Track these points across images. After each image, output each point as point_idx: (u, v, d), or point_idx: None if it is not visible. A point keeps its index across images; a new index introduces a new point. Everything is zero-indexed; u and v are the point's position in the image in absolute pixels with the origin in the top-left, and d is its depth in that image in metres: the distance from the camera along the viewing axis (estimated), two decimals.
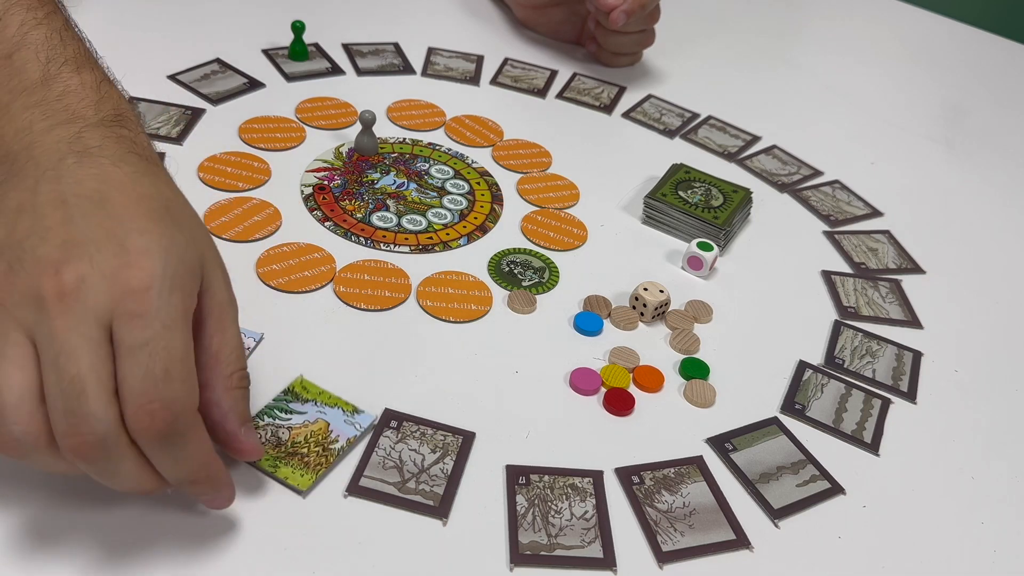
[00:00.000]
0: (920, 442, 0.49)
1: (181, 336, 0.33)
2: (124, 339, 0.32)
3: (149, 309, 0.32)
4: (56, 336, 0.31)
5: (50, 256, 0.32)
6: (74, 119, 0.37)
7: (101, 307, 0.32)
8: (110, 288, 0.32)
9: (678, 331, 0.52)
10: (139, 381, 0.31)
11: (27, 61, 0.39)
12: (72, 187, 0.34)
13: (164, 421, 0.32)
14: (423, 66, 0.75)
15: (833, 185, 0.71)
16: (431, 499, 0.40)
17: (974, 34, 1.05)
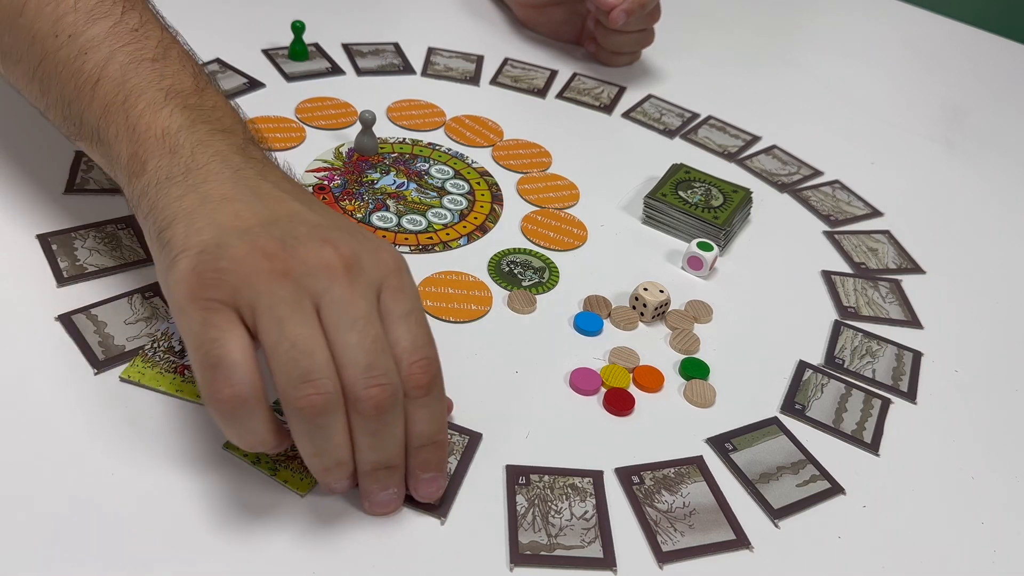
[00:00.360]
0: (920, 442, 0.49)
1: (423, 310, 0.38)
2: (393, 309, 0.36)
3: (406, 284, 0.37)
4: (353, 301, 0.35)
5: (316, 235, 0.36)
6: (231, 131, 0.42)
7: (375, 280, 0.36)
8: (377, 265, 0.36)
9: (678, 331, 0.52)
10: (411, 342, 0.36)
11: (176, 69, 0.43)
12: (274, 186, 0.39)
13: (432, 374, 0.36)
14: (423, 66, 0.75)
15: (833, 185, 0.71)
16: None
17: (974, 34, 1.05)
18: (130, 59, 0.42)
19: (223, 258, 0.35)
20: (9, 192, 0.52)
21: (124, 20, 0.43)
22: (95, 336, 0.44)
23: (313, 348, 0.34)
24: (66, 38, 0.43)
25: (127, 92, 0.41)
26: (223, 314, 0.34)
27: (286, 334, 0.34)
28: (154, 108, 0.41)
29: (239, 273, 0.34)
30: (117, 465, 0.39)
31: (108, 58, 0.42)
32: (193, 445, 0.40)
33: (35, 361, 0.43)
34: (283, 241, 0.35)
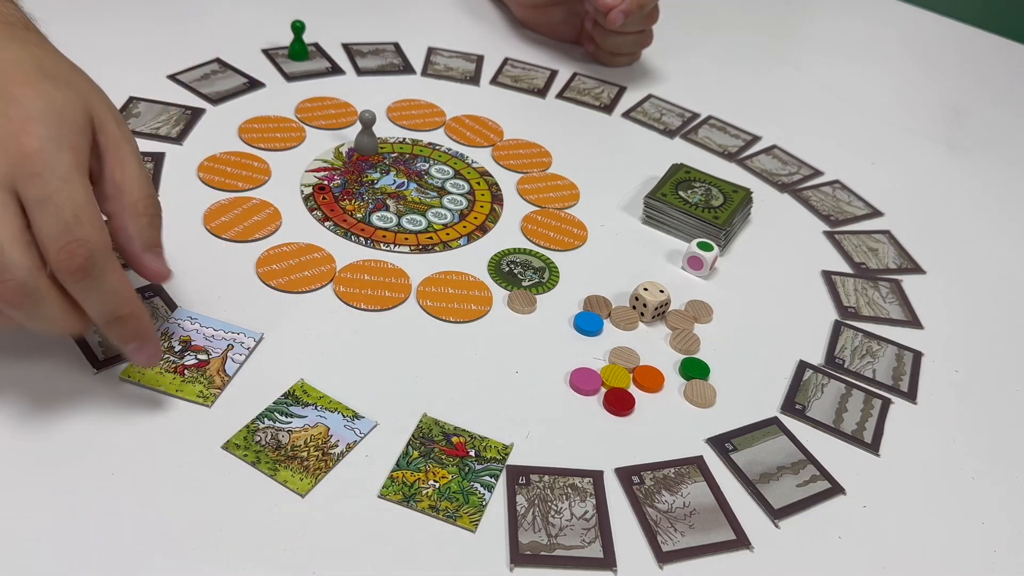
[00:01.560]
0: (920, 442, 0.49)
1: (80, 185, 0.36)
2: (29, 196, 0.35)
3: (44, 168, 0.35)
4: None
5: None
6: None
7: (4, 175, 0.35)
8: (5, 154, 0.35)
9: (678, 331, 0.52)
10: (52, 228, 0.35)
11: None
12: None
13: (83, 257, 0.35)
14: (423, 66, 0.75)
15: (833, 185, 0.71)
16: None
17: (974, 34, 1.05)
18: None
19: None
20: None
21: None
22: (95, 336, 0.44)
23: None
24: None
25: None
26: None
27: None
28: None
29: None
30: (117, 465, 0.39)
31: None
32: (193, 445, 0.40)
33: (35, 361, 0.43)
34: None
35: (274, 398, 0.43)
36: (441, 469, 0.42)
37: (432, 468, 0.42)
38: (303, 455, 0.41)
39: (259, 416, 0.42)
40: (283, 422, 0.42)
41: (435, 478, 0.41)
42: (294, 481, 0.39)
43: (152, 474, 0.39)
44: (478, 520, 0.40)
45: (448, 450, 0.43)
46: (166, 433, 0.41)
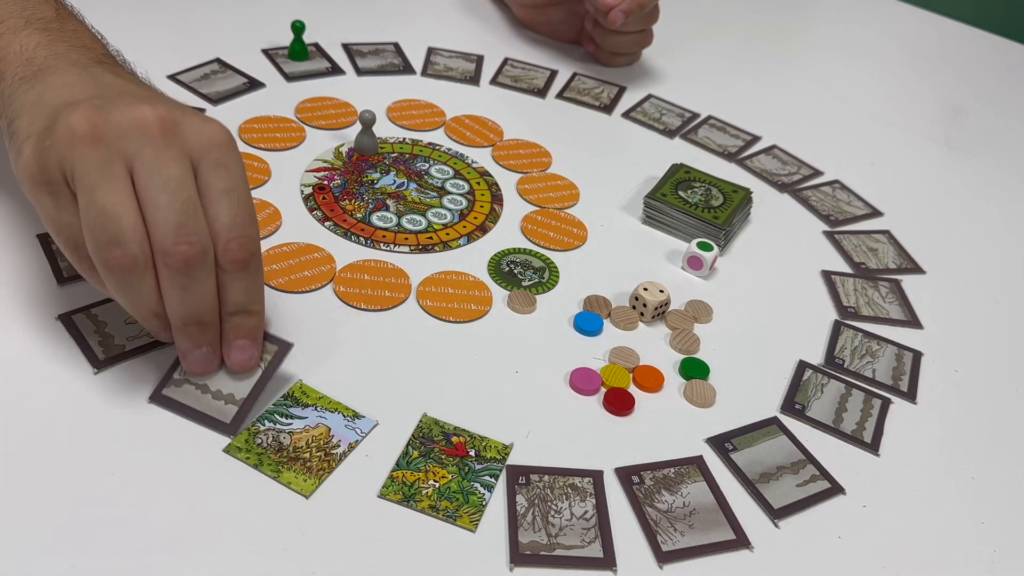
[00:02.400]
0: (920, 442, 0.49)
1: (249, 191, 0.39)
2: (213, 183, 0.37)
3: (231, 161, 0.38)
4: (165, 163, 0.36)
5: (137, 100, 0.36)
6: (89, 48, 0.43)
7: (194, 150, 0.37)
8: (200, 136, 0.37)
9: (678, 331, 0.52)
10: (230, 218, 0.37)
11: (38, 4, 0.45)
12: (121, 76, 0.41)
13: (250, 251, 0.38)
14: (423, 66, 0.75)
15: (833, 185, 0.71)
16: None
17: (974, 34, 1.05)
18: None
19: (49, 136, 0.36)
20: (9, 192, 0.52)
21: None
22: (95, 336, 0.44)
23: (119, 213, 0.35)
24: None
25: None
26: (63, 194, 0.36)
27: (95, 200, 0.35)
28: (13, 31, 0.42)
29: (59, 147, 0.36)
30: (117, 465, 0.39)
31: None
32: (193, 446, 0.40)
33: (35, 361, 0.43)
34: (101, 108, 0.36)
35: (274, 400, 0.43)
36: (441, 469, 0.42)
37: (432, 468, 0.42)
38: (305, 456, 0.41)
39: (260, 418, 0.42)
40: (283, 423, 0.42)
41: (435, 478, 0.41)
42: (297, 483, 0.39)
43: (152, 474, 0.39)
44: (478, 520, 0.40)
45: (448, 450, 0.43)
46: (166, 434, 0.41)
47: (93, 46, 0.44)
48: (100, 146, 0.35)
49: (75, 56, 0.42)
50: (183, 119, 0.37)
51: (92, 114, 0.36)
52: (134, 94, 0.38)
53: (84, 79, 0.39)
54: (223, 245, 0.37)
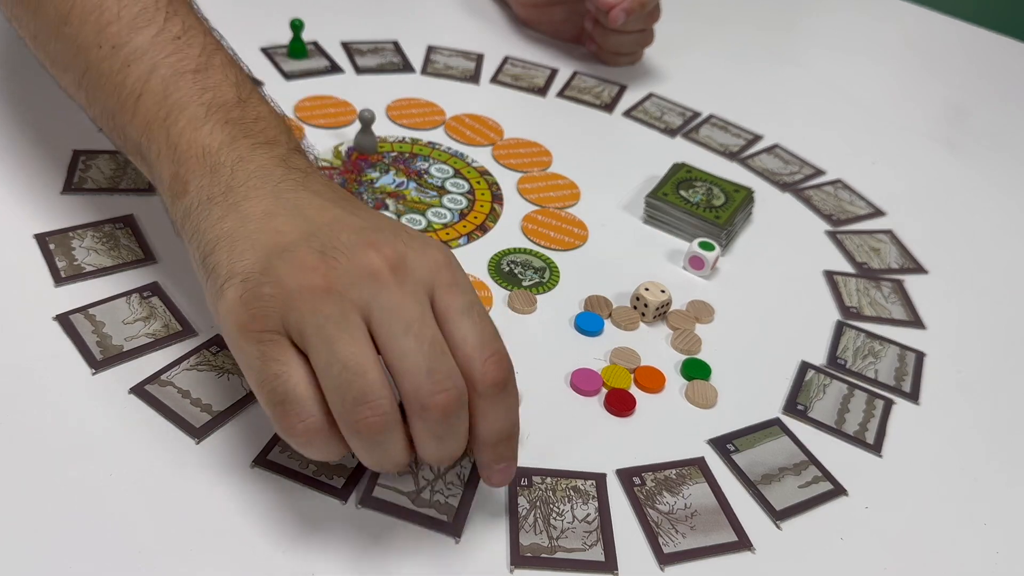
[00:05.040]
0: (923, 443, 0.49)
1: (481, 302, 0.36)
2: (451, 305, 0.35)
3: (460, 279, 0.36)
4: (403, 306, 0.33)
5: (359, 240, 0.34)
6: (274, 142, 0.40)
7: (425, 279, 0.35)
8: (425, 263, 0.35)
9: (679, 331, 0.52)
10: (478, 337, 0.35)
11: (218, 81, 0.42)
12: (315, 196, 0.37)
13: (506, 369, 0.35)
14: (423, 64, 0.75)
15: (835, 184, 0.70)
16: (445, 513, 0.39)
17: (977, 33, 1.04)
18: (172, 71, 0.41)
19: (266, 284, 0.34)
20: (7, 192, 0.52)
21: (167, 28, 0.43)
22: (93, 336, 0.44)
23: (365, 367, 0.32)
24: (109, 49, 0.42)
25: (168, 108, 0.41)
26: (277, 345, 0.33)
27: (336, 355, 0.32)
28: (195, 125, 0.40)
29: (283, 297, 0.33)
30: (115, 465, 0.39)
31: (151, 71, 0.41)
32: (191, 445, 0.40)
33: (33, 361, 0.42)
34: (323, 253, 0.34)
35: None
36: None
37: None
38: None
39: None
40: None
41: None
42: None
43: (151, 474, 0.39)
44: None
45: None
46: (164, 434, 0.40)
47: (277, 137, 0.41)
48: (332, 297, 0.33)
49: (263, 161, 0.39)
50: (408, 252, 0.35)
51: (318, 262, 0.33)
52: (349, 227, 0.35)
53: (286, 209, 0.36)
54: (480, 368, 0.34)
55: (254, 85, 0.44)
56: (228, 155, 0.39)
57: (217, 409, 0.42)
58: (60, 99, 0.61)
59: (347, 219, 0.36)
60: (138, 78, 0.41)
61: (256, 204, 0.37)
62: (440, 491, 0.40)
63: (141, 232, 0.51)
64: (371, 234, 0.35)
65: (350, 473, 0.40)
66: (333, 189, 0.39)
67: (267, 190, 0.37)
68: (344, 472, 0.40)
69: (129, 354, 0.43)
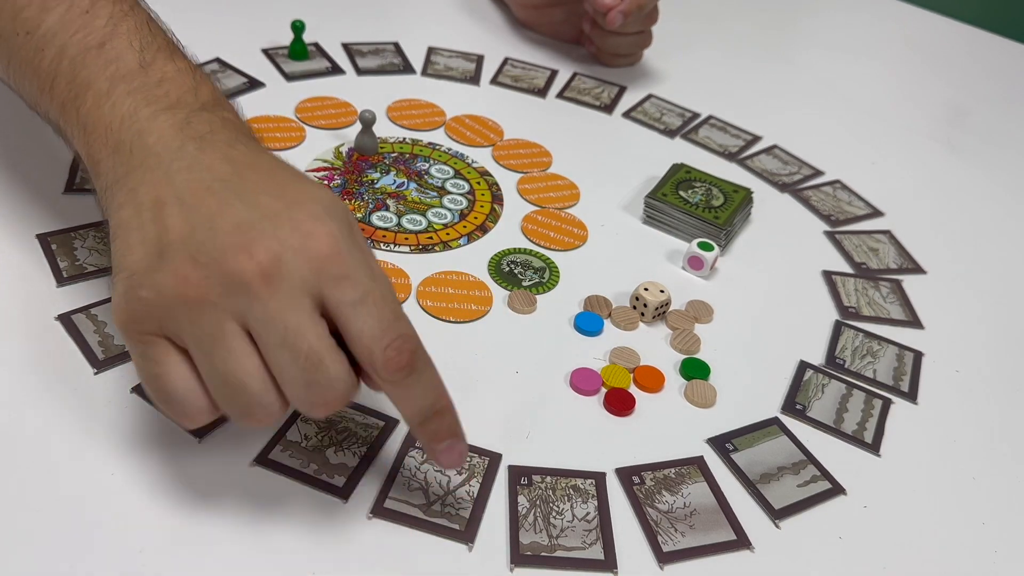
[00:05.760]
0: (921, 442, 0.49)
1: (383, 278, 0.35)
2: (342, 299, 0.33)
3: (350, 267, 0.34)
4: (276, 318, 0.32)
5: (232, 242, 0.33)
6: (177, 105, 0.38)
7: (306, 280, 0.33)
8: (305, 260, 0.33)
9: (679, 331, 0.52)
10: (375, 329, 0.34)
11: (122, 49, 0.40)
12: (207, 174, 0.35)
13: (410, 352, 0.34)
14: (423, 66, 0.75)
15: (834, 185, 0.71)
16: (456, 523, 0.39)
17: (976, 34, 1.05)
18: (78, 49, 0.40)
19: (144, 286, 0.33)
20: (8, 192, 0.52)
21: (76, 3, 0.42)
22: (95, 336, 0.44)
23: (244, 381, 0.33)
24: (25, 35, 0.42)
25: (77, 88, 0.40)
26: (156, 346, 0.34)
27: (216, 370, 0.33)
28: (99, 103, 0.39)
29: (160, 304, 0.33)
30: (116, 465, 0.39)
31: (60, 53, 0.41)
32: (193, 445, 0.40)
33: (35, 361, 0.43)
34: (196, 260, 0.33)
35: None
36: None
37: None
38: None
39: None
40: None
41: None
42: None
43: (152, 474, 0.39)
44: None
45: None
46: (165, 434, 0.40)
47: (180, 98, 0.39)
48: (206, 308, 0.33)
49: (163, 131, 0.37)
50: (283, 251, 0.33)
51: (191, 271, 0.33)
52: (226, 221, 0.34)
53: (175, 196, 0.35)
54: (380, 359, 0.34)
55: (165, 43, 0.42)
56: (128, 131, 0.38)
57: None
58: None
59: (227, 210, 0.34)
60: (51, 62, 0.41)
61: (149, 190, 0.35)
62: (451, 505, 0.40)
63: None
64: (247, 232, 0.33)
65: (350, 473, 0.40)
66: (227, 160, 0.36)
67: (161, 172, 0.36)
68: (345, 471, 0.40)
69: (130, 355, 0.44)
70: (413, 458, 0.42)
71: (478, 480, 0.41)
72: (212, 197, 0.35)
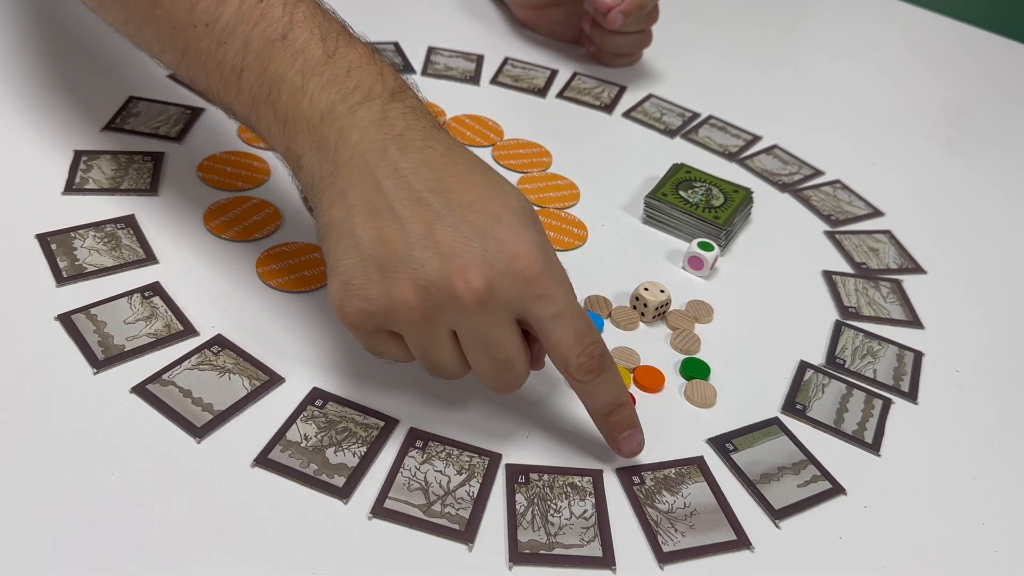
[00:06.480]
0: (921, 442, 0.49)
1: (572, 290, 0.40)
2: (544, 315, 0.38)
3: (550, 287, 0.38)
4: (483, 332, 0.38)
5: (450, 266, 0.37)
6: (369, 96, 0.41)
7: (512, 302, 0.38)
8: (514, 285, 0.38)
9: (679, 331, 0.52)
10: (573, 339, 0.39)
11: (305, 40, 0.42)
12: (413, 182, 0.38)
13: (601, 357, 0.40)
14: (423, 65, 0.75)
15: (834, 185, 0.71)
16: (456, 523, 0.39)
17: (975, 34, 1.05)
18: (263, 42, 0.41)
19: (361, 297, 0.38)
20: (8, 192, 0.52)
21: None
22: (95, 336, 0.44)
23: (449, 368, 0.40)
24: (204, 28, 0.43)
25: (269, 83, 0.41)
26: (378, 336, 0.40)
27: (428, 357, 0.40)
28: (295, 97, 0.41)
29: (379, 314, 0.38)
30: (116, 465, 0.39)
31: (244, 45, 0.42)
32: (192, 445, 0.40)
33: (35, 361, 0.43)
34: (416, 283, 0.37)
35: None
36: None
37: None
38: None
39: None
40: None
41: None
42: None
43: (152, 474, 0.39)
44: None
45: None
46: (165, 434, 0.40)
47: (372, 87, 0.41)
48: (427, 324, 0.38)
49: (364, 127, 0.39)
50: (495, 278, 0.37)
51: (412, 295, 0.37)
52: (442, 243, 0.37)
53: (385, 207, 0.38)
54: (574, 364, 0.39)
55: (340, 28, 0.44)
56: (329, 128, 0.40)
57: (218, 409, 0.42)
58: (61, 99, 0.61)
59: (440, 228, 0.37)
60: (236, 55, 0.42)
61: (359, 194, 0.38)
62: (451, 505, 0.40)
63: (142, 232, 0.51)
64: (462, 255, 0.37)
65: (350, 473, 0.40)
66: (428, 165, 0.39)
67: (368, 175, 0.39)
68: (344, 472, 0.40)
69: (130, 354, 0.44)
70: (413, 458, 0.42)
71: (478, 480, 0.41)
72: (424, 211, 0.38)
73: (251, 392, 0.43)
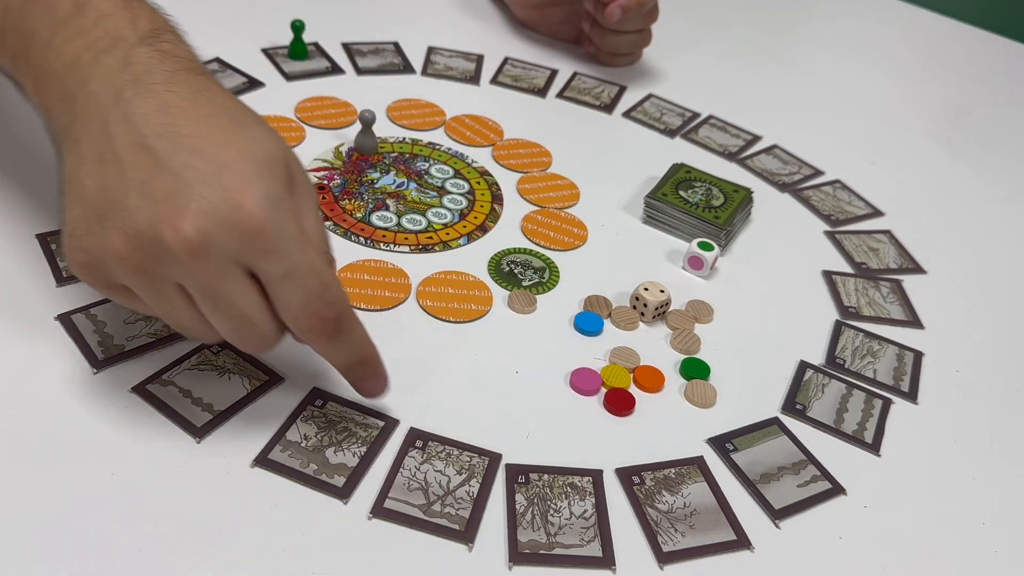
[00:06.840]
0: (921, 442, 0.49)
1: (311, 248, 0.36)
2: (271, 272, 0.35)
3: (278, 242, 0.35)
4: (205, 286, 0.35)
5: (161, 213, 0.34)
6: (116, 43, 0.38)
7: (234, 255, 0.35)
8: (233, 235, 0.34)
9: (679, 331, 0.52)
10: (301, 299, 0.36)
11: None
12: (141, 127, 0.36)
13: (334, 320, 0.37)
14: (423, 65, 0.75)
15: (834, 185, 0.71)
16: (456, 523, 0.39)
17: (975, 34, 1.05)
18: (21, 0, 0.41)
19: (81, 248, 0.36)
20: (9, 192, 0.52)
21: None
22: (95, 336, 0.44)
23: (188, 326, 0.38)
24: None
25: (24, 40, 0.40)
26: (114, 290, 0.37)
27: (161, 312, 0.38)
28: (44, 52, 0.39)
29: (98, 266, 0.36)
30: (116, 465, 0.39)
31: (5, 7, 0.41)
32: (192, 445, 0.40)
33: (35, 361, 0.43)
34: (125, 232, 0.34)
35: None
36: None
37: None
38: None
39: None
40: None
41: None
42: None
43: (152, 474, 0.39)
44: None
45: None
46: (165, 434, 0.40)
47: (118, 36, 0.39)
48: (143, 276, 0.35)
49: (103, 75, 0.37)
50: (210, 226, 0.34)
51: (123, 245, 0.35)
52: (158, 189, 0.34)
53: (111, 153, 0.36)
54: (306, 327, 0.37)
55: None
56: (73, 79, 0.38)
57: (218, 408, 0.42)
58: None
59: (159, 174, 0.35)
60: (2, 18, 0.41)
61: (90, 143, 0.36)
62: (451, 505, 0.40)
63: None
64: (176, 202, 0.34)
65: (350, 473, 0.40)
66: (162, 109, 0.36)
67: (99, 123, 0.36)
68: (344, 472, 0.40)
69: (130, 353, 0.44)
70: (413, 458, 0.42)
71: (478, 480, 0.41)
72: (147, 157, 0.35)
73: (251, 392, 0.43)
